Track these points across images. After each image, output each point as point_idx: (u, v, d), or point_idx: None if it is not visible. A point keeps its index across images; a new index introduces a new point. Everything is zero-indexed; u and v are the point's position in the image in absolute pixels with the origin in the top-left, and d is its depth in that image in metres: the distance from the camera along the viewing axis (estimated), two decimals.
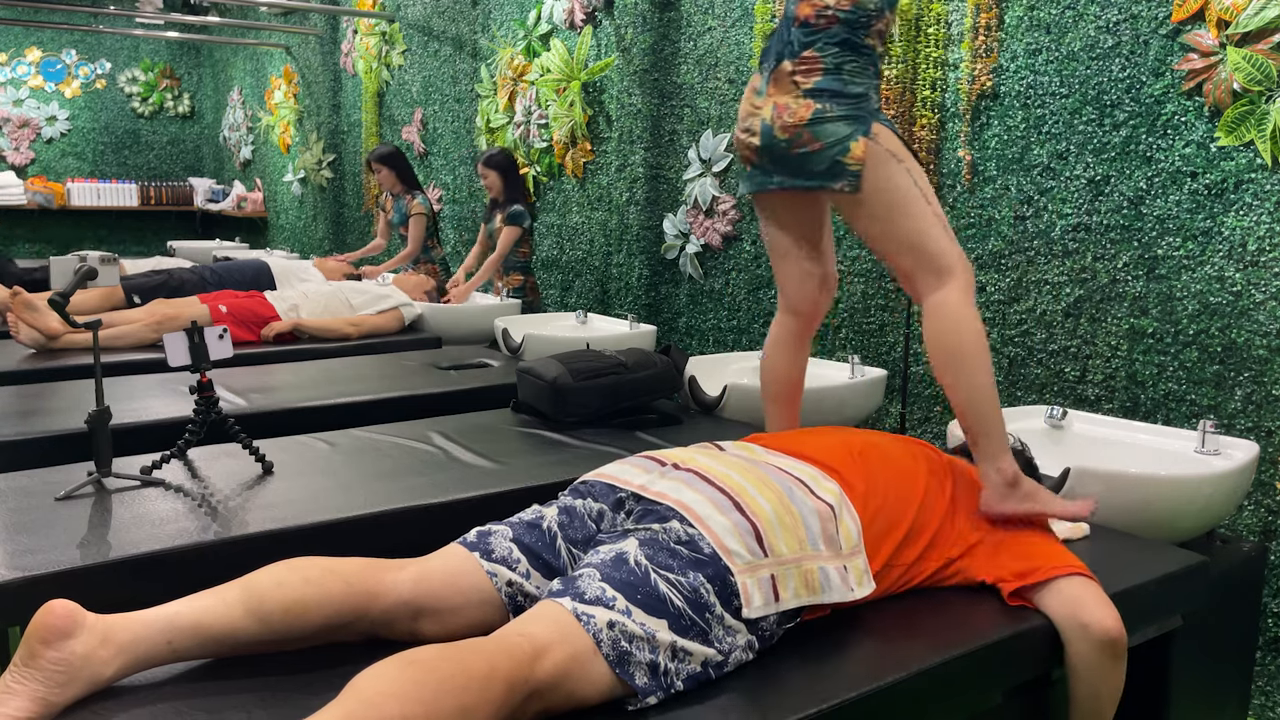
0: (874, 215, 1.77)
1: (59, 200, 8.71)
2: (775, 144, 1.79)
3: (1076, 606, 1.49)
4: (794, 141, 1.76)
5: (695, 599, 1.26)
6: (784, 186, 1.84)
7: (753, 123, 1.83)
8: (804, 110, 1.75)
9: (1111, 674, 1.50)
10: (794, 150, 1.77)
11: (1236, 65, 2.26)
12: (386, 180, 5.05)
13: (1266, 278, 2.25)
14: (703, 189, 3.81)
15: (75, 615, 1.14)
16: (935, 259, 1.74)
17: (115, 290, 4.08)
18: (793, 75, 1.77)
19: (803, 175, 1.79)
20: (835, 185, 1.75)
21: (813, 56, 1.76)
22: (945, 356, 1.72)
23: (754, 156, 1.86)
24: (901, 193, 1.74)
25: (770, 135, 1.79)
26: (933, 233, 1.75)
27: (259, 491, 1.91)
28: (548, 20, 4.61)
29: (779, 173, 1.83)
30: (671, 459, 1.52)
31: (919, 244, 1.75)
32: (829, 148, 1.74)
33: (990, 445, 1.68)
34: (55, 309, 1.93)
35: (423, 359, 3.40)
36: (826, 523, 1.41)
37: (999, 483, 1.65)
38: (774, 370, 2.09)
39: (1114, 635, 1.47)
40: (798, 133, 1.76)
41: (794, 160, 1.78)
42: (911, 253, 1.76)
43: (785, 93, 1.78)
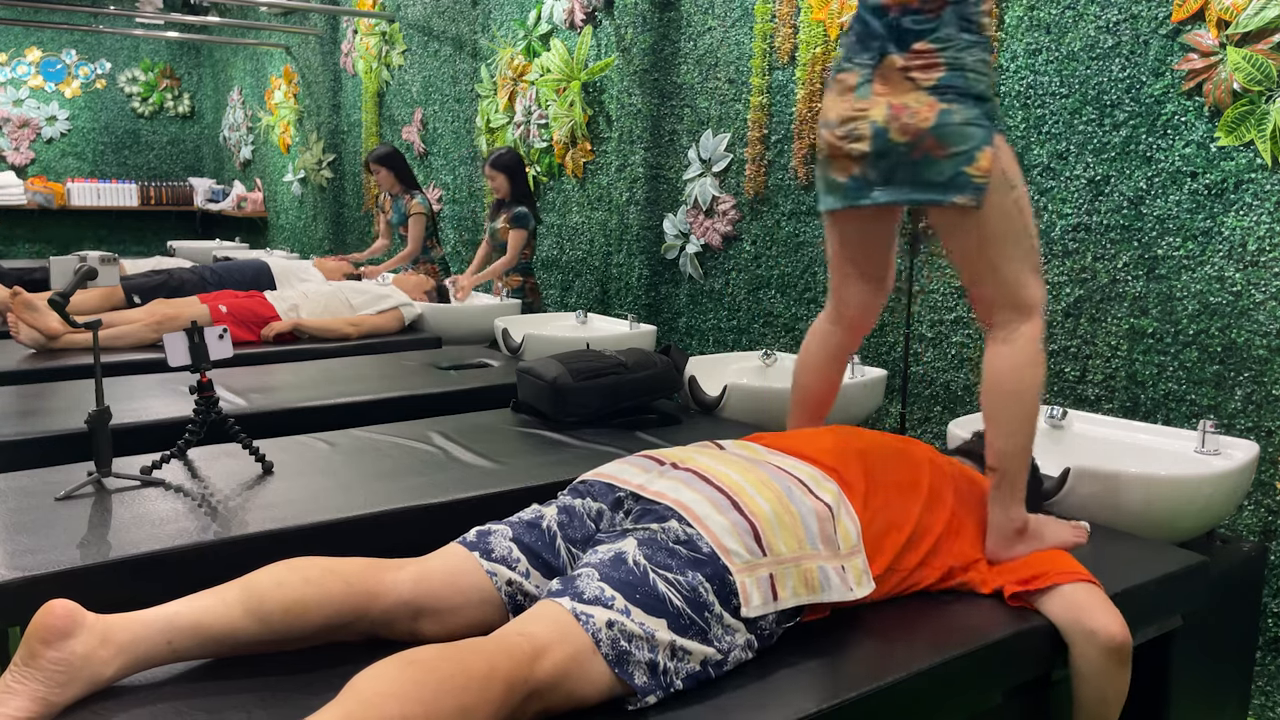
0: (973, 237, 1.61)
1: (59, 200, 8.71)
2: (892, 149, 1.58)
3: (1081, 612, 1.48)
4: (915, 146, 1.57)
5: (694, 598, 1.26)
6: (887, 201, 1.64)
7: (858, 126, 1.61)
8: (928, 110, 1.55)
9: (1117, 679, 1.50)
10: (913, 156, 1.57)
11: (1236, 65, 2.26)
12: (385, 181, 5.05)
13: (1266, 278, 2.25)
14: (703, 189, 3.81)
15: (75, 615, 1.14)
16: (1021, 296, 1.62)
17: (115, 290, 4.08)
18: (907, 71, 1.57)
19: (918, 186, 1.59)
20: (957, 199, 1.57)
21: (929, 49, 1.56)
22: (1001, 396, 1.61)
23: (855, 166, 1.64)
24: (1008, 220, 1.60)
25: (885, 139, 1.58)
26: (1026, 267, 1.63)
27: (259, 491, 1.91)
28: (548, 20, 4.62)
29: (887, 184, 1.62)
30: (670, 458, 1.52)
31: (1010, 277, 1.62)
32: (954, 156, 1.55)
33: (1008, 493, 1.60)
34: (55, 309, 1.93)
35: (423, 359, 3.40)
36: (824, 523, 1.41)
37: (1008, 531, 1.60)
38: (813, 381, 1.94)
39: (1120, 641, 1.47)
40: (920, 136, 1.56)
41: (910, 168, 1.59)
42: (999, 284, 1.62)
43: (901, 91, 1.57)
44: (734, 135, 3.68)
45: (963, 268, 1.68)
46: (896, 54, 1.58)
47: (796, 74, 3.39)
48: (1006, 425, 1.61)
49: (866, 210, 1.70)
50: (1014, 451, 1.60)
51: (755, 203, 3.62)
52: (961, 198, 1.57)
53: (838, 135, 1.65)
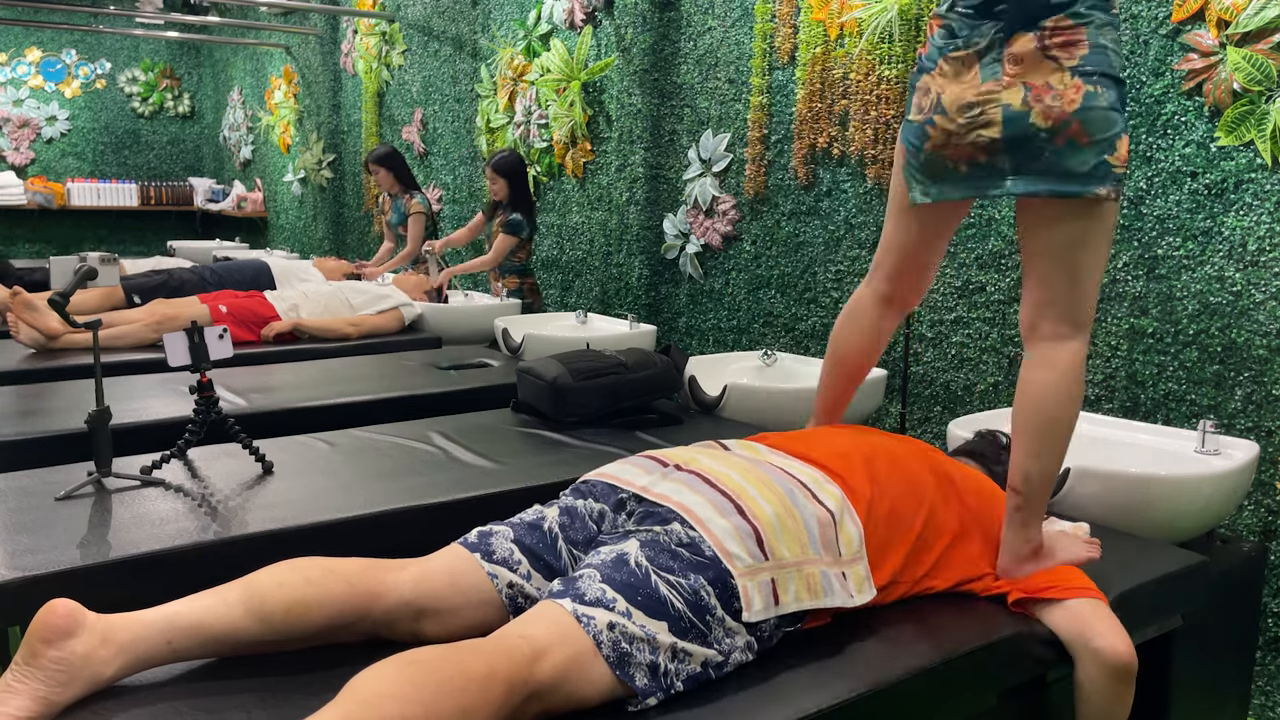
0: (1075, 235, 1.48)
1: (59, 200, 8.71)
2: (1033, 135, 1.43)
3: (1087, 627, 1.47)
4: (1058, 131, 1.42)
5: (696, 601, 1.26)
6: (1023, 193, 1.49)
7: (988, 111, 1.46)
8: (1073, 93, 1.40)
9: (1121, 698, 1.49)
10: (1056, 142, 1.43)
11: (1236, 65, 2.26)
12: (385, 181, 5.05)
13: (1266, 278, 2.25)
14: (703, 189, 3.81)
15: (76, 615, 1.15)
16: (1083, 309, 1.52)
17: (115, 290, 4.08)
18: (1046, 49, 1.42)
19: (1059, 176, 1.45)
20: (1100, 190, 1.43)
21: (1070, 24, 1.41)
22: (1041, 413, 1.52)
23: (981, 154, 1.49)
24: (1108, 226, 1.50)
25: (1024, 124, 1.43)
26: (1094, 283, 1.52)
27: (259, 491, 1.91)
28: (548, 20, 4.62)
29: (1020, 173, 1.47)
30: (674, 459, 1.51)
31: (1083, 287, 1.51)
32: (1098, 143, 1.42)
33: (1029, 516, 1.55)
34: (55, 309, 1.93)
35: (423, 359, 3.40)
36: (826, 529, 1.41)
37: (1024, 552, 1.55)
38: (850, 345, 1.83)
39: (1125, 661, 1.46)
40: (1065, 120, 1.41)
41: (1052, 156, 1.44)
42: (1071, 292, 1.51)
43: (1040, 71, 1.42)
44: (734, 135, 3.68)
45: (1040, 268, 1.53)
46: (1029, 31, 1.43)
47: (796, 74, 3.39)
48: (1039, 449, 1.53)
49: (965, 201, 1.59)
50: (1042, 477, 1.54)
51: (755, 203, 3.62)
52: (1104, 189, 1.43)
53: (959, 123, 1.49)
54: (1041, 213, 1.51)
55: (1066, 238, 1.49)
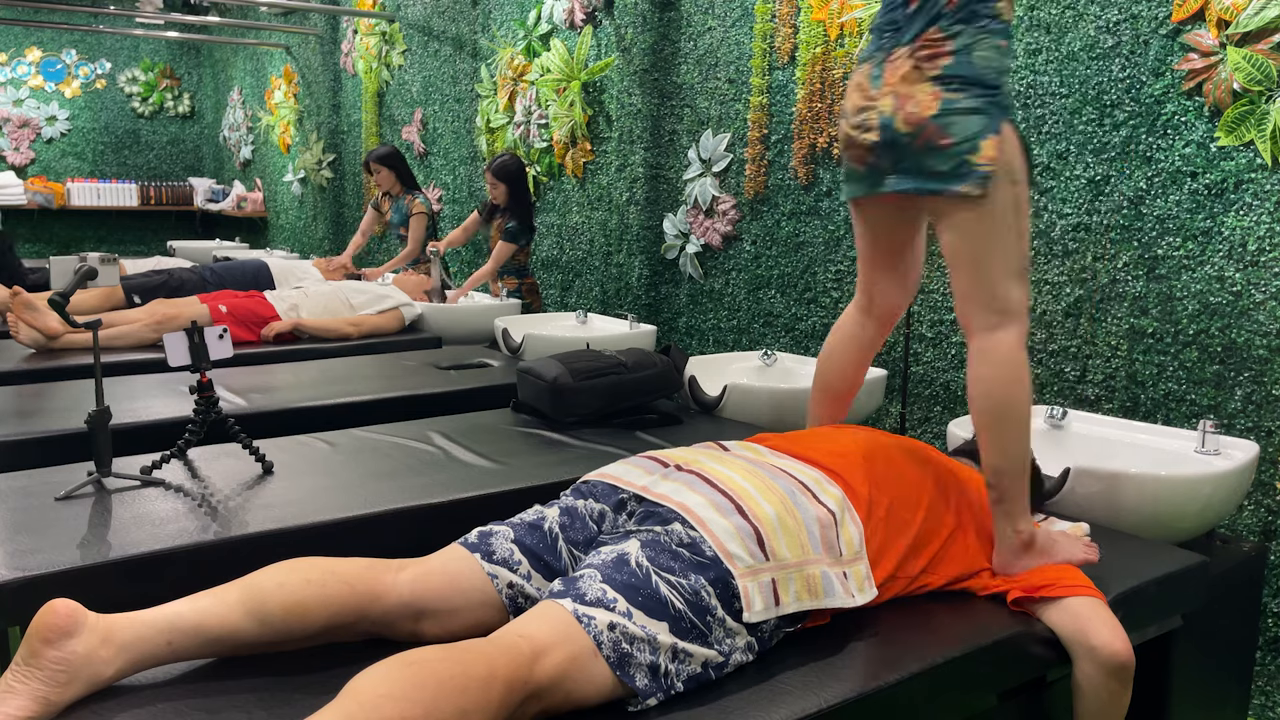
0: (966, 230, 1.58)
1: (59, 200, 8.72)
2: (898, 138, 1.58)
3: (1085, 625, 1.48)
4: (918, 135, 1.56)
5: (696, 601, 1.26)
6: (899, 190, 1.63)
7: (869, 117, 1.62)
8: (931, 99, 1.54)
9: (1119, 696, 1.49)
10: (918, 145, 1.57)
11: (1236, 65, 2.26)
12: (386, 181, 5.04)
13: (1266, 278, 2.25)
14: (703, 189, 3.81)
15: (77, 615, 1.15)
16: (1004, 297, 1.58)
17: (115, 290, 4.08)
18: (915, 60, 1.56)
19: (923, 175, 1.58)
20: (960, 187, 1.55)
21: (937, 36, 1.55)
22: (990, 408, 1.57)
23: (869, 155, 1.65)
24: (1003, 215, 1.56)
25: (892, 129, 1.58)
26: (1012, 269, 1.58)
27: (259, 491, 1.91)
28: (548, 20, 4.62)
29: (897, 173, 1.62)
30: (674, 460, 1.51)
31: (994, 276, 1.58)
32: (958, 144, 1.54)
33: (1012, 505, 1.58)
34: (55, 309, 1.93)
35: (423, 359, 3.40)
36: (827, 529, 1.41)
37: (1015, 544, 1.58)
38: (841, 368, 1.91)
39: (1123, 660, 1.46)
40: (922, 125, 1.55)
41: (915, 157, 1.58)
42: (981, 282, 1.59)
43: (908, 81, 1.57)
44: (734, 135, 3.68)
45: (950, 263, 1.65)
46: (906, 44, 1.58)
47: (796, 74, 3.39)
48: (1001, 443, 1.57)
49: (887, 199, 1.69)
50: (1010, 468, 1.57)
51: (755, 203, 3.62)
52: (964, 186, 1.54)
53: (852, 125, 1.66)
54: (937, 212, 1.62)
55: (957, 232, 1.60)
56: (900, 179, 1.62)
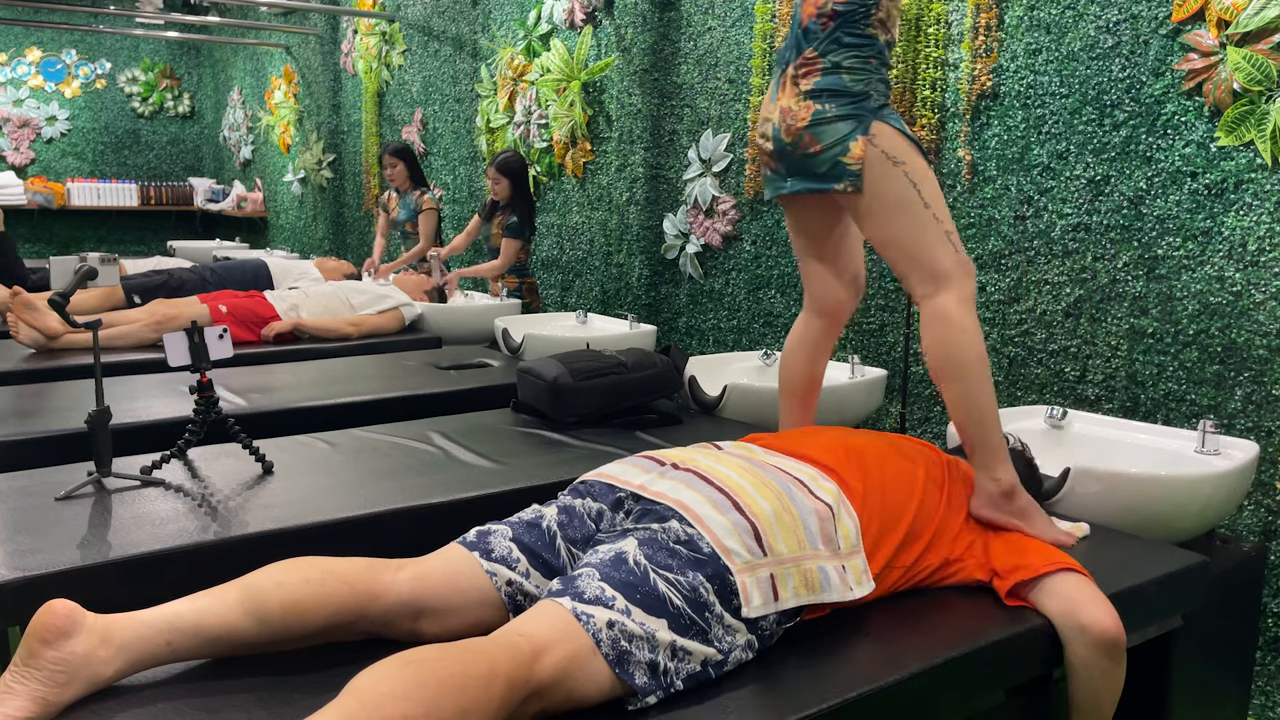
0: (871, 217, 1.77)
1: (59, 200, 8.72)
2: (784, 148, 1.81)
3: (1074, 606, 1.49)
4: (798, 144, 1.78)
5: (694, 598, 1.26)
6: (796, 191, 1.85)
7: (766, 128, 1.85)
8: (804, 112, 1.76)
9: (1111, 674, 1.50)
10: (798, 153, 1.78)
11: (1236, 65, 2.26)
12: (399, 176, 5.03)
13: (1266, 278, 2.25)
14: (703, 189, 3.81)
15: (75, 615, 1.14)
16: (931, 265, 1.73)
17: (115, 290, 4.08)
18: (795, 78, 1.79)
19: (809, 177, 1.80)
20: (838, 186, 1.76)
21: (812, 56, 1.77)
22: (943, 365, 1.72)
23: (769, 161, 1.88)
24: (894, 196, 1.73)
25: (779, 139, 1.81)
26: (927, 238, 1.73)
27: (259, 491, 1.91)
28: (548, 20, 4.62)
29: (791, 176, 1.84)
30: (671, 459, 1.52)
31: (913, 250, 1.74)
32: (829, 149, 1.74)
33: (986, 455, 1.69)
34: (55, 309, 1.93)
35: (423, 359, 3.40)
36: (825, 523, 1.42)
37: (994, 492, 1.67)
38: (793, 368, 2.07)
39: (1113, 636, 1.47)
40: (799, 135, 1.77)
41: (799, 162, 1.80)
42: (906, 258, 1.76)
43: (790, 96, 1.79)
44: (734, 135, 3.68)
45: (879, 248, 1.80)
46: (791, 64, 1.80)
47: None
48: (960, 392, 1.70)
49: (797, 198, 1.90)
50: (976, 412, 1.70)
51: (755, 203, 3.62)
52: (840, 184, 1.75)
53: (757, 135, 1.90)
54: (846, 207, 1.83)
55: (864, 221, 1.80)
56: (794, 181, 1.84)
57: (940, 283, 1.73)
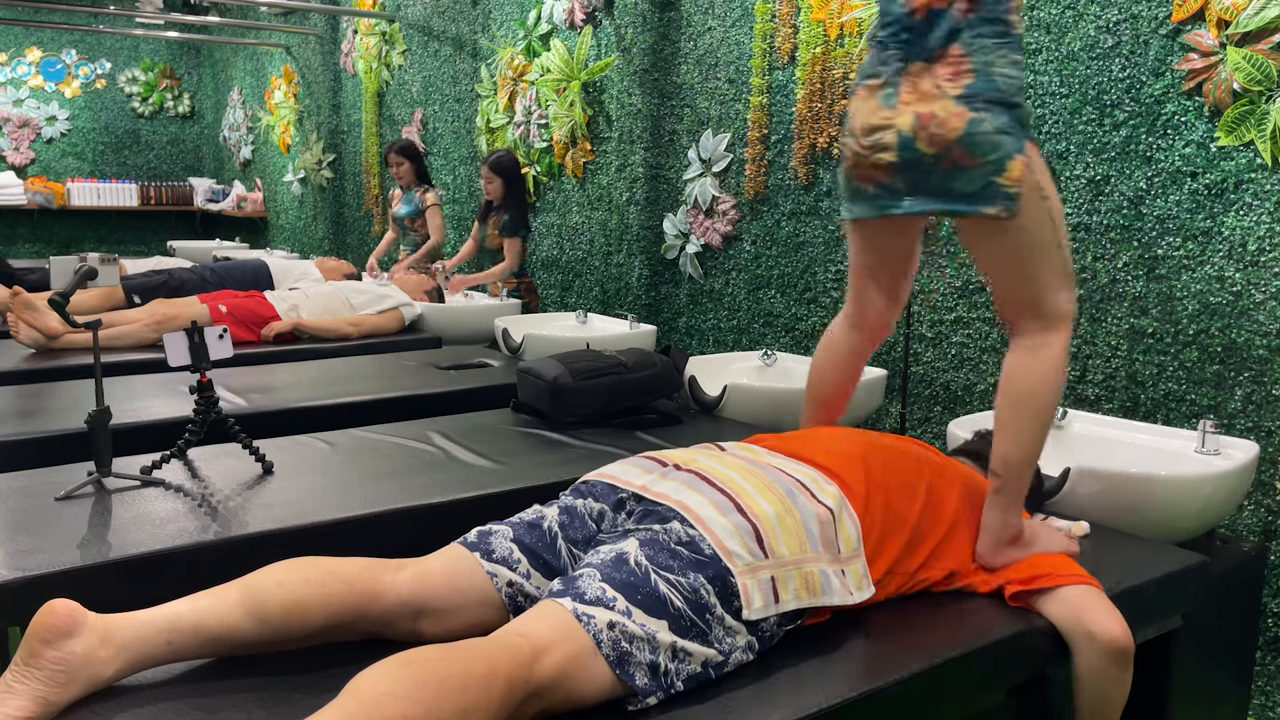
0: (1002, 249, 1.57)
1: (59, 200, 8.71)
2: (920, 159, 1.53)
3: (1083, 614, 1.48)
4: (943, 156, 1.51)
5: (695, 600, 1.26)
6: (917, 211, 1.59)
7: (884, 136, 1.56)
8: (957, 120, 1.49)
9: (1118, 682, 1.49)
10: (941, 166, 1.52)
11: (1236, 65, 2.26)
12: (405, 174, 5.04)
13: (1266, 278, 2.25)
14: (703, 189, 3.81)
15: (76, 615, 1.14)
16: (1050, 308, 1.59)
17: (115, 290, 4.08)
18: (934, 77, 1.51)
19: (946, 196, 1.54)
20: (987, 210, 1.52)
21: (958, 54, 1.50)
22: (1018, 405, 1.58)
23: (883, 175, 1.59)
24: (1040, 231, 1.55)
25: (912, 148, 1.53)
26: (1056, 281, 1.58)
27: (259, 491, 1.91)
28: (548, 20, 4.62)
29: (915, 193, 1.57)
30: (673, 459, 1.51)
31: (1040, 289, 1.58)
32: (984, 165, 1.50)
33: (1010, 497, 1.59)
34: (55, 309, 1.93)
35: (423, 359, 3.40)
36: (825, 527, 1.41)
37: (1002, 537, 1.59)
38: (825, 377, 1.90)
39: (1122, 645, 1.47)
40: (949, 146, 1.50)
41: (937, 178, 1.54)
42: (1029, 296, 1.59)
43: (928, 99, 1.51)
44: (734, 135, 3.68)
45: (991, 277, 1.64)
46: (923, 60, 1.53)
47: (796, 74, 3.39)
48: (1018, 434, 1.58)
49: (895, 219, 1.66)
50: (1021, 461, 1.59)
51: (755, 203, 3.61)
52: (992, 208, 1.52)
53: (863, 145, 1.59)
54: (969, 230, 1.61)
55: (993, 251, 1.59)
56: (921, 200, 1.57)
57: (1054, 324, 1.59)
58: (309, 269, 4.83)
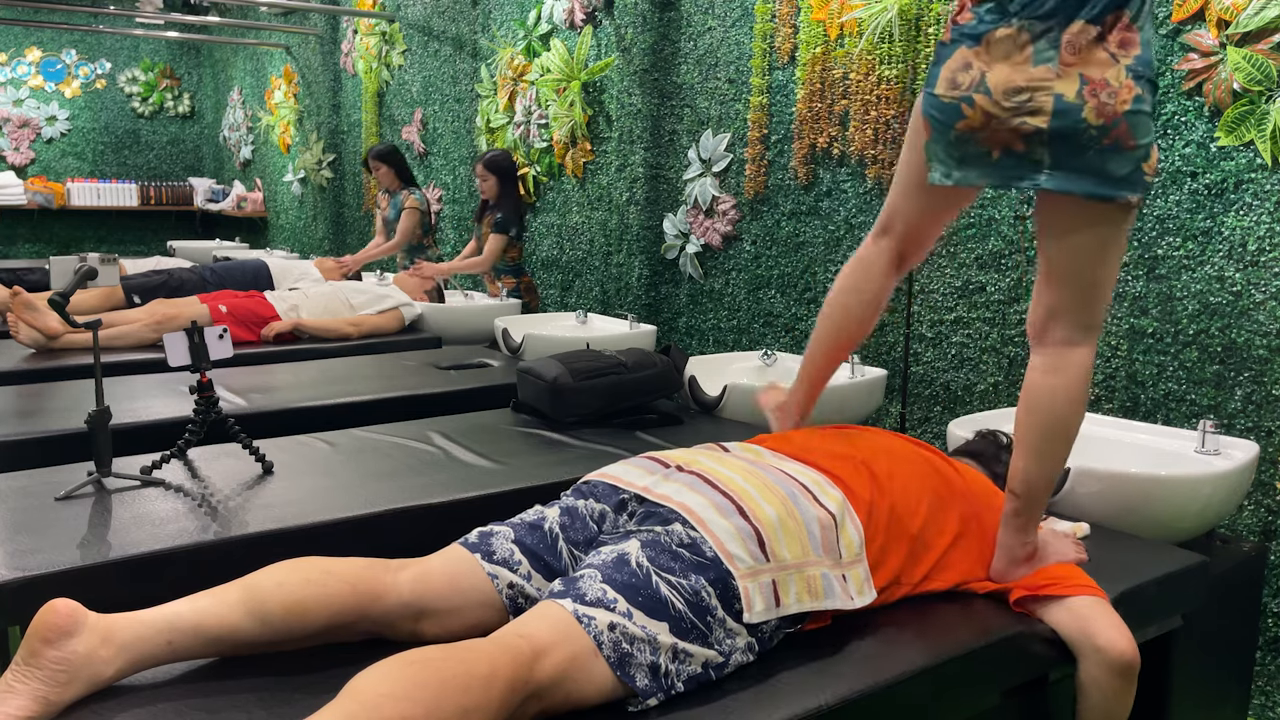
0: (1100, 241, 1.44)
1: (59, 200, 8.71)
2: (1081, 131, 1.35)
3: (1089, 625, 1.47)
4: (1107, 131, 1.35)
5: (696, 602, 1.26)
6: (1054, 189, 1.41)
7: (1038, 98, 1.36)
8: (1126, 92, 1.34)
9: (1122, 695, 1.49)
10: (1104, 142, 1.36)
11: (1236, 65, 2.26)
12: (385, 178, 5.06)
13: (1266, 278, 2.25)
14: (703, 189, 3.81)
15: (77, 615, 1.14)
16: (1097, 314, 1.50)
17: (115, 290, 4.08)
18: (1104, 42, 1.35)
19: (1099, 178, 1.38)
20: (1132, 196, 1.39)
21: (1128, 20, 1.35)
22: (1048, 418, 1.50)
23: (1019, 142, 1.40)
24: (1124, 236, 1.46)
25: (1076, 117, 1.35)
26: (1110, 288, 1.50)
27: (259, 491, 1.91)
28: (548, 20, 4.61)
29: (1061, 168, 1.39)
30: (675, 461, 1.51)
31: (1091, 293, 1.47)
32: (1139, 149, 1.36)
33: (1029, 519, 1.54)
34: (55, 309, 1.93)
35: (423, 359, 3.40)
36: (827, 531, 1.41)
37: (1019, 555, 1.55)
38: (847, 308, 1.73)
39: (1129, 659, 1.46)
40: (1116, 120, 1.34)
41: (1095, 155, 1.37)
42: (1087, 297, 1.47)
43: (1098, 64, 1.34)
44: (734, 135, 3.68)
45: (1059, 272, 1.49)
46: (1086, 20, 1.35)
47: (796, 74, 3.39)
48: (1042, 458, 1.52)
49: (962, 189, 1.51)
50: (1043, 481, 1.53)
51: (755, 203, 3.61)
52: (1135, 195, 1.39)
53: (1004, 106, 1.39)
54: (1069, 213, 1.44)
55: (1089, 242, 1.45)
56: (1066, 177, 1.39)
57: (1087, 335, 1.50)
58: (309, 269, 4.83)
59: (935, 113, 1.49)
